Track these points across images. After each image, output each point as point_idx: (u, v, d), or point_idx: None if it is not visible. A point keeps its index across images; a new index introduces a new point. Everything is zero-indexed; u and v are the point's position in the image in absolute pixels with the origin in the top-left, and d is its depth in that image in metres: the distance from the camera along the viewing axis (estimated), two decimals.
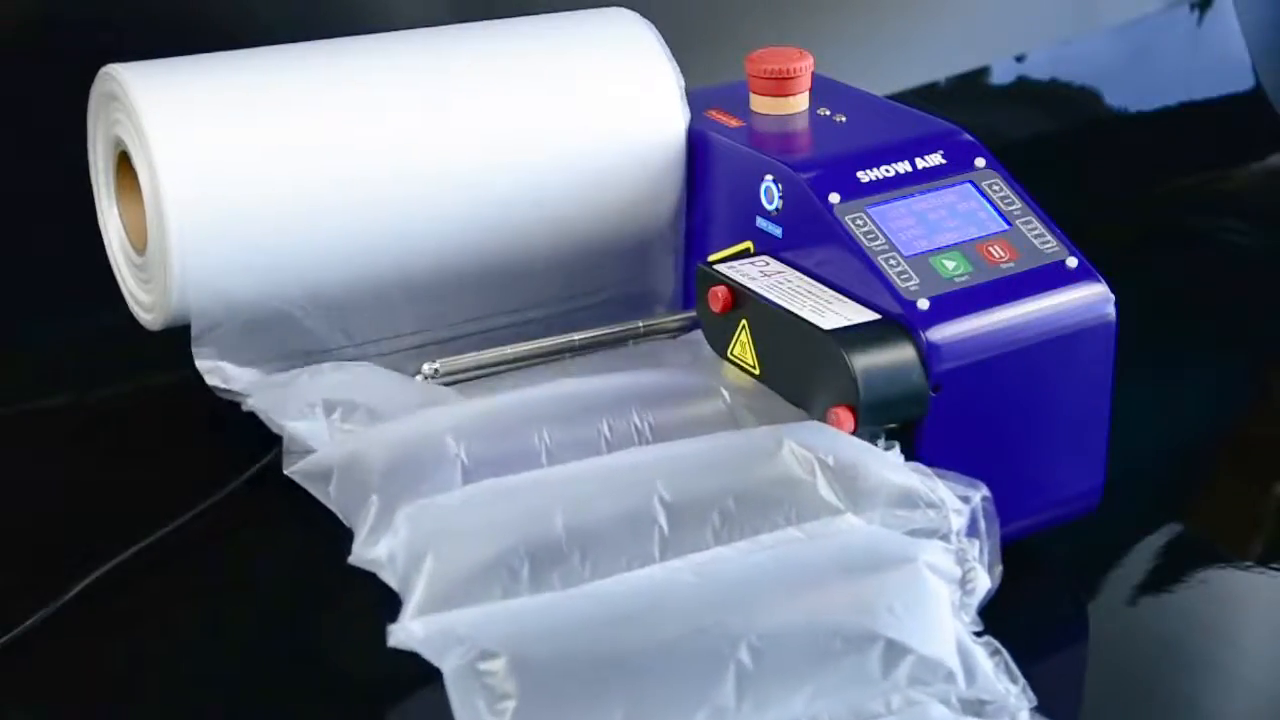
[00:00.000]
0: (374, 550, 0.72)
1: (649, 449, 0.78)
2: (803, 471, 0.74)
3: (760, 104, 0.93)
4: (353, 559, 0.72)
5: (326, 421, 0.83)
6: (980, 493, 0.74)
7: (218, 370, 0.88)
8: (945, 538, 0.73)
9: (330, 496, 0.79)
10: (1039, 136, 1.34)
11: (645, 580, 0.70)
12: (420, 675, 0.67)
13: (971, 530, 0.73)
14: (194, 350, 0.88)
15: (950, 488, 0.74)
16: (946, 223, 0.84)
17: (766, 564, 0.70)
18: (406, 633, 0.66)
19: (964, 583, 0.71)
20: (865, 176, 0.85)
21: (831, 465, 0.74)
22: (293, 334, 0.89)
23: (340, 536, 0.79)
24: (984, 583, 0.72)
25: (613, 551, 0.71)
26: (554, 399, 0.82)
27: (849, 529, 0.73)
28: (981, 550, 0.73)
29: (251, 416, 0.88)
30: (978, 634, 0.70)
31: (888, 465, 0.75)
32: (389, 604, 0.71)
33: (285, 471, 0.81)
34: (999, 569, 0.72)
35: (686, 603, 0.68)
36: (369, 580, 0.73)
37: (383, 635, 0.69)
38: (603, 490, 0.73)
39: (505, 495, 0.73)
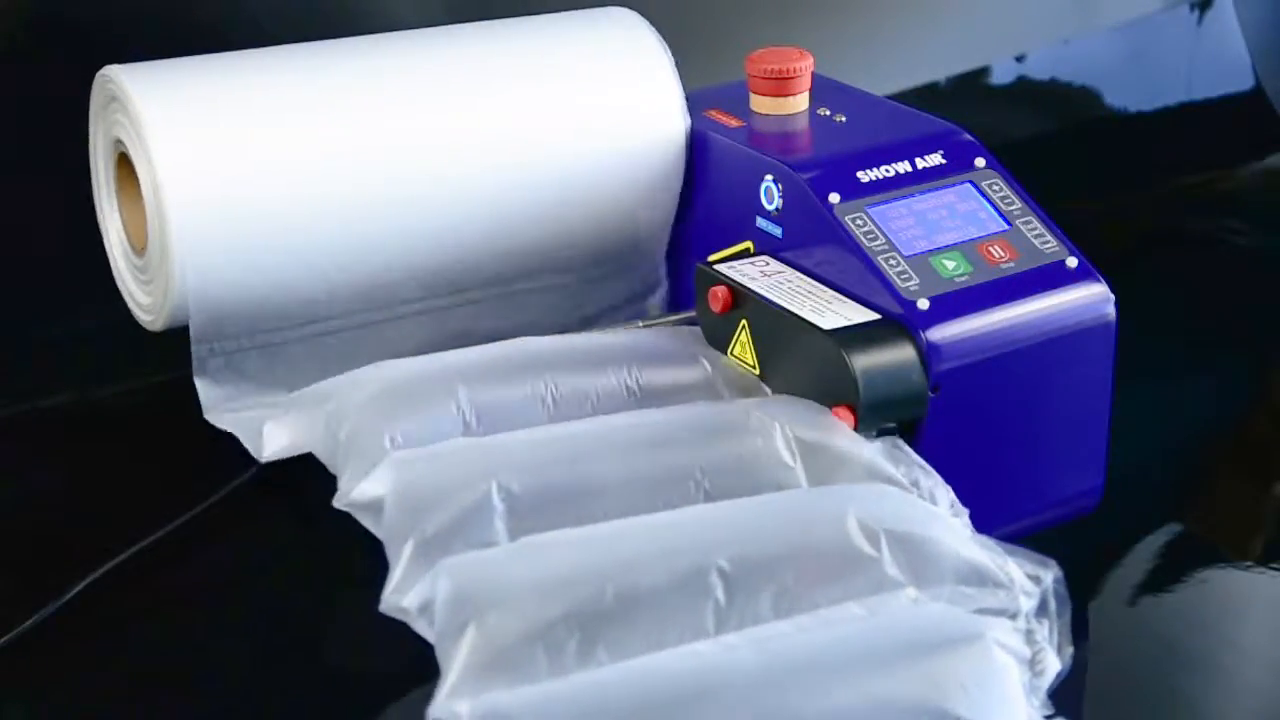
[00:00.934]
0: (405, 598, 0.69)
1: (707, 509, 0.74)
2: (867, 545, 0.70)
3: (760, 104, 0.93)
4: (383, 606, 0.70)
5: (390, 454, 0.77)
6: (1052, 573, 0.71)
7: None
8: (1013, 617, 0.71)
9: (381, 529, 0.75)
10: (1039, 136, 1.34)
11: (701, 657, 0.67)
12: (419, 674, 0.67)
13: (1040, 610, 0.70)
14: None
15: (1020, 565, 0.71)
16: (946, 223, 0.84)
17: (829, 642, 0.67)
18: (450, 713, 0.63)
19: (1033, 664, 0.68)
20: (865, 176, 0.85)
21: (898, 538, 0.71)
22: (291, 334, 0.89)
23: (339, 535, 0.79)
24: (1053, 665, 0.69)
25: (665, 622, 0.67)
26: (611, 430, 0.78)
27: (913, 606, 0.70)
28: (1051, 631, 0.70)
29: None
30: (1049, 717, 0.68)
31: (956, 539, 0.72)
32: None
33: (335, 504, 0.77)
34: (1069, 650, 0.70)
35: (747, 682, 0.65)
36: (368, 580, 0.73)
37: (381, 634, 0.69)
38: (657, 553, 0.69)
39: (552, 554, 0.69)
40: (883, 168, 0.86)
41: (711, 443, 0.77)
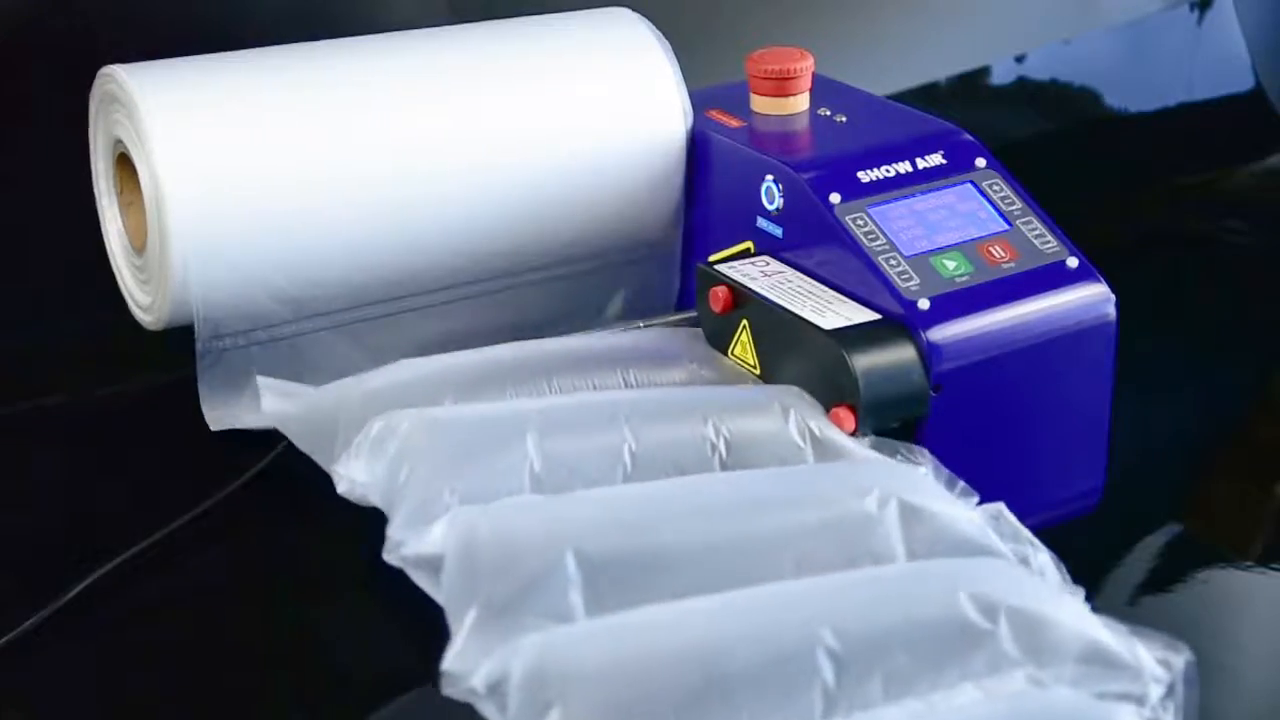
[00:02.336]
0: (472, 677, 0.63)
1: (807, 583, 0.68)
2: (984, 620, 0.65)
3: (761, 104, 0.93)
4: (445, 683, 0.63)
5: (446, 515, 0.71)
6: (1184, 656, 0.66)
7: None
8: (1140, 702, 0.66)
9: (439, 590, 0.69)
10: (1039, 136, 1.34)
11: None
12: (420, 674, 0.67)
13: (1167, 694, 0.66)
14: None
15: (1148, 648, 0.67)
16: (947, 223, 0.84)
17: None
18: None
19: None
20: (866, 176, 0.85)
21: (1016, 614, 0.66)
22: (291, 333, 0.89)
23: (340, 536, 0.79)
24: None
25: (767, 706, 0.62)
26: (694, 492, 0.73)
27: (1035, 691, 0.65)
28: (1177, 717, 0.66)
29: None
30: None
31: (1079, 618, 0.67)
32: (389, 603, 0.71)
33: (384, 557, 0.71)
34: None
35: None
36: (369, 580, 0.73)
37: (383, 634, 0.69)
38: (757, 631, 0.64)
39: (642, 632, 0.64)
40: (883, 168, 0.86)
41: (805, 509, 0.71)
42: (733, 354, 0.84)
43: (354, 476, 0.75)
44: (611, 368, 0.82)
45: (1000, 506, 0.73)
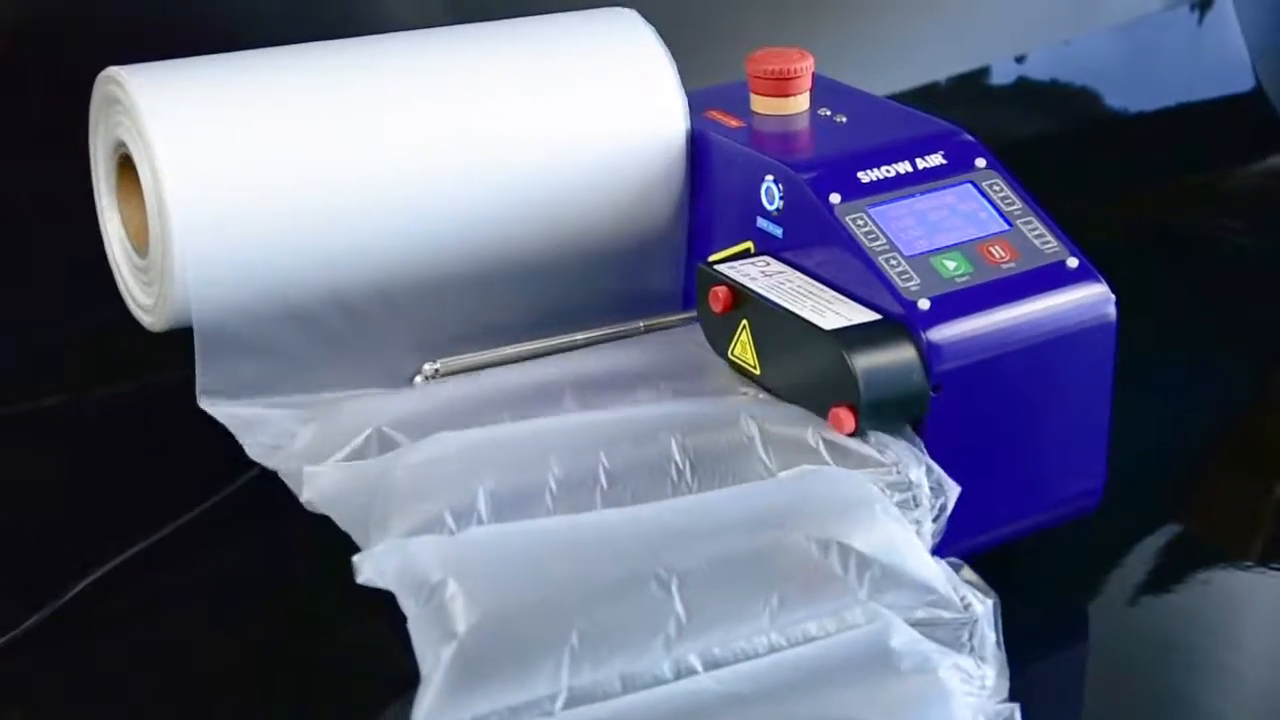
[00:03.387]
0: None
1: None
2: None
3: (761, 104, 0.93)
4: None
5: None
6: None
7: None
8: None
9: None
10: (1039, 136, 1.34)
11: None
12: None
13: None
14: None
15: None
16: (947, 223, 0.84)
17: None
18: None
19: None
20: (866, 177, 0.85)
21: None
22: (294, 334, 0.89)
23: (341, 536, 0.79)
24: None
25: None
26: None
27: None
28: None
29: None
30: None
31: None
32: (390, 603, 0.71)
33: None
34: None
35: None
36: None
37: (384, 635, 0.69)
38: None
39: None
40: (883, 168, 0.86)
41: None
42: (732, 354, 0.84)
43: (382, 569, 0.71)
44: (668, 435, 0.79)
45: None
